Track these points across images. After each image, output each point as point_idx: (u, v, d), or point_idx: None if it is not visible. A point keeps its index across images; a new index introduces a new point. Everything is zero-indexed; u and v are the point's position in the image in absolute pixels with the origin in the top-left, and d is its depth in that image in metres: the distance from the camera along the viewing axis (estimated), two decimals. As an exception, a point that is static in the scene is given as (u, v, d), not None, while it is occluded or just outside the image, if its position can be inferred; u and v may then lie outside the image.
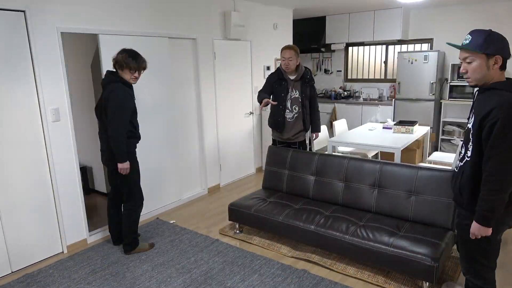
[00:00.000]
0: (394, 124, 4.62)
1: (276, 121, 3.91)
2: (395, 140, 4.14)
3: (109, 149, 3.10)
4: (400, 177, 3.13)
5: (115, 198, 3.41)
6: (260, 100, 3.71)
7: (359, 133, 4.60)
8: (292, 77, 3.82)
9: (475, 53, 1.89)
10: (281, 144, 4.05)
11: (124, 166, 3.07)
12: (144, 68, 3.14)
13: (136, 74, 3.10)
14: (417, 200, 3.03)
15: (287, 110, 3.86)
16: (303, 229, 3.12)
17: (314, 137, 4.19)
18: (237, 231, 3.69)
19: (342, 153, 5.03)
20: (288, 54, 3.71)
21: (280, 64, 3.82)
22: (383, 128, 4.88)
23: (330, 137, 4.64)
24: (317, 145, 4.82)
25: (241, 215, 3.56)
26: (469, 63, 1.93)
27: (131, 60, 3.02)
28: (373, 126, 5.11)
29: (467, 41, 1.92)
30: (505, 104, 1.79)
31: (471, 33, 1.92)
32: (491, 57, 1.87)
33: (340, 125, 5.29)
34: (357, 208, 3.34)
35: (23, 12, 2.98)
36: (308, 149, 4.25)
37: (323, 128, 4.99)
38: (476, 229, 1.97)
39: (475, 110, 1.96)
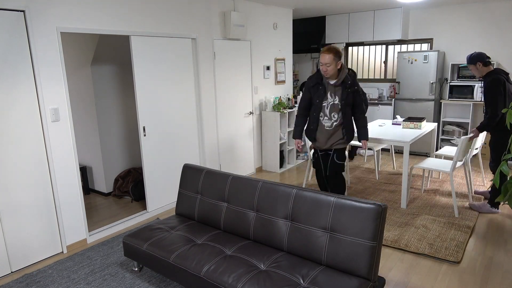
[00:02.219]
0: (403, 120, 4.79)
1: (309, 129, 3.63)
2: (405, 134, 4.34)
3: None
4: (315, 208, 2.53)
5: None
6: (296, 134, 3.69)
7: (371, 129, 4.80)
8: (332, 82, 3.45)
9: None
10: (321, 152, 3.68)
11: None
12: None
13: None
14: (331, 240, 2.43)
15: (325, 118, 3.52)
16: (192, 274, 2.53)
17: (363, 146, 3.67)
18: (135, 269, 3.10)
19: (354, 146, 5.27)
20: (326, 60, 3.31)
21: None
22: (393, 124, 5.04)
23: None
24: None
25: (134, 251, 2.92)
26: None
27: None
28: (383, 122, 5.29)
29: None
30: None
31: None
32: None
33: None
34: (268, 245, 2.75)
35: (23, 12, 2.98)
36: (348, 158, 4.01)
37: None
38: None
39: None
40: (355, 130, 3.78)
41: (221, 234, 2.96)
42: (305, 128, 3.70)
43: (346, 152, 4.15)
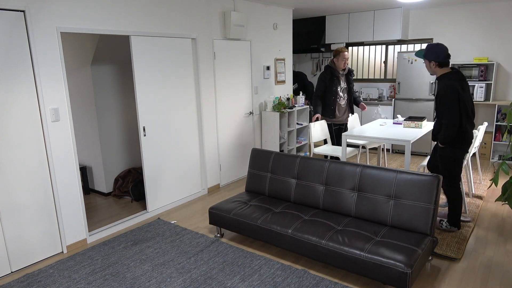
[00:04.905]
0: (404, 120, 4.76)
1: (330, 109, 5.00)
2: (406, 134, 4.32)
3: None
4: (380, 181, 3.09)
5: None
6: (314, 112, 4.98)
7: (371, 128, 4.80)
8: (342, 72, 4.98)
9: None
10: (335, 126, 5.10)
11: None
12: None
13: None
14: (395, 205, 2.99)
15: (340, 98, 5.00)
16: (280, 233, 3.08)
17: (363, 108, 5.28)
18: (218, 235, 3.66)
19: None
20: (348, 56, 4.88)
21: (334, 63, 4.88)
22: (394, 123, 5.02)
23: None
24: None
25: (220, 219, 3.51)
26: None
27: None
28: (384, 122, 5.24)
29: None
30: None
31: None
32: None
33: (351, 120, 5.32)
34: (337, 212, 3.31)
35: (23, 12, 2.98)
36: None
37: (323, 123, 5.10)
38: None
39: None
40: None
41: (292, 205, 3.54)
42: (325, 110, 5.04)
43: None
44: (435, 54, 3.21)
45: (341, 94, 4.99)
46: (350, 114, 5.18)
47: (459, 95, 3.15)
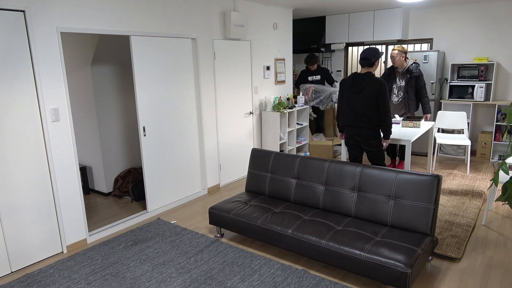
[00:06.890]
0: (402, 119, 4.76)
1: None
2: (405, 133, 4.31)
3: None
4: (380, 181, 3.09)
5: None
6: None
7: None
8: (400, 70, 5.04)
9: None
10: None
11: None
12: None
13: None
14: (395, 205, 3.00)
15: (393, 95, 5.16)
16: (280, 233, 3.09)
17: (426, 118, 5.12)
18: (218, 235, 3.67)
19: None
20: (394, 54, 4.95)
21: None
22: (392, 123, 5.00)
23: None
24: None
25: (220, 219, 3.52)
26: None
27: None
28: None
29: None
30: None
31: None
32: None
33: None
34: (337, 212, 3.32)
35: (22, 12, 2.98)
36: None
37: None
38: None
39: None
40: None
41: (292, 205, 3.54)
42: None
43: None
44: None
45: (395, 91, 5.13)
46: (406, 113, 5.13)
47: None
